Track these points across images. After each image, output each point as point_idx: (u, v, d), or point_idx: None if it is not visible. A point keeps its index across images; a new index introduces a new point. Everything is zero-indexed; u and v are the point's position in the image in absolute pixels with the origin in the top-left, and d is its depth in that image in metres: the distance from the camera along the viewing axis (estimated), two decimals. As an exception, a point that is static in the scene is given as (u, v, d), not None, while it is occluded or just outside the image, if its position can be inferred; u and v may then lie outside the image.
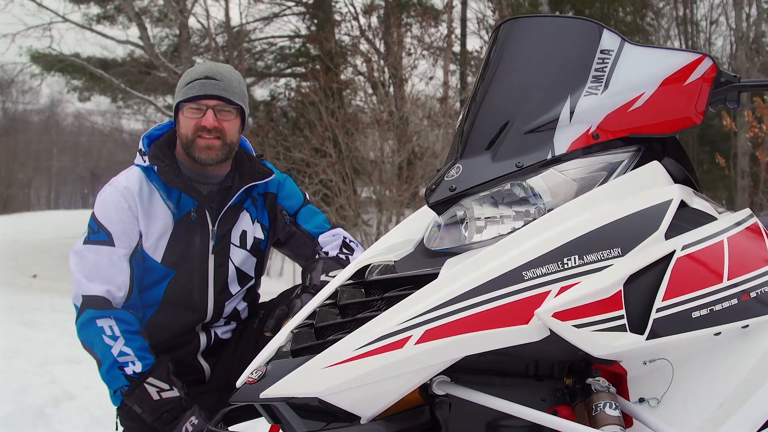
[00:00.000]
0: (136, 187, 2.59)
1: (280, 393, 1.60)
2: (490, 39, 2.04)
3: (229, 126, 2.63)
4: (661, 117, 1.83)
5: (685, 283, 1.63)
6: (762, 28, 17.24)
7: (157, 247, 2.60)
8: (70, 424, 4.21)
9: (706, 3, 21.13)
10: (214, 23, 19.56)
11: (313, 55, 20.52)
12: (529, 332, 1.55)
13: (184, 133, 2.61)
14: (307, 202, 2.92)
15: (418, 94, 12.43)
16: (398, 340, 1.55)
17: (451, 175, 1.83)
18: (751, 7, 17.00)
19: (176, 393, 2.43)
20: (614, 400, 1.61)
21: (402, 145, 10.25)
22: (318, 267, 2.65)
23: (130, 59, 19.76)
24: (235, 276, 2.75)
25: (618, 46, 1.85)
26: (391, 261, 1.90)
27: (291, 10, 21.43)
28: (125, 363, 2.41)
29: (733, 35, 17.48)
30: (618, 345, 1.55)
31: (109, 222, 2.55)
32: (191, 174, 2.67)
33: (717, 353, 1.74)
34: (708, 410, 1.68)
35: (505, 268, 1.59)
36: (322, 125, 10.57)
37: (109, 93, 21.04)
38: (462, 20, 19.95)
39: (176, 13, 17.36)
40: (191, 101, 2.59)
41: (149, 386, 2.41)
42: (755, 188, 14.22)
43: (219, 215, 2.68)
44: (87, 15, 19.46)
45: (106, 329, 2.43)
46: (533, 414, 1.59)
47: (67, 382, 5.02)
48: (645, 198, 1.71)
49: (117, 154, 38.32)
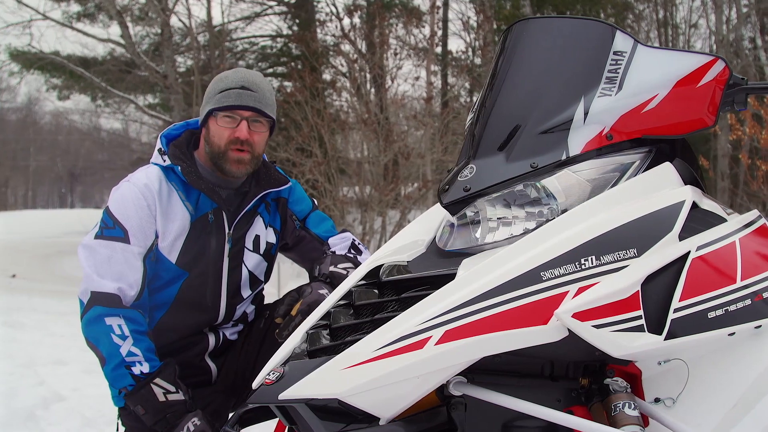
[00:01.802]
0: (156, 186, 2.55)
1: (300, 394, 1.59)
2: (500, 40, 2.04)
3: (259, 139, 2.62)
4: (674, 118, 1.84)
5: (700, 284, 1.65)
6: (742, 32, 17.40)
7: (173, 248, 2.57)
8: (62, 426, 4.17)
9: (685, 6, 21.28)
10: (196, 22, 19.49)
11: (295, 54, 20.51)
12: (549, 332, 1.55)
13: (217, 142, 2.58)
14: (316, 207, 2.93)
15: (403, 94, 12.46)
16: (418, 340, 1.55)
17: (465, 176, 1.83)
18: (731, 11, 17.17)
19: (182, 396, 2.40)
20: (632, 401, 1.62)
21: (388, 145, 10.24)
22: (327, 260, 2.65)
23: (111, 58, 19.63)
24: (247, 280, 2.73)
25: (631, 48, 1.85)
26: (404, 261, 1.89)
27: (273, 9, 21.41)
28: (133, 363, 2.37)
29: (713, 38, 17.64)
30: (637, 345, 1.56)
31: (126, 218, 2.50)
32: (211, 177, 2.65)
33: (730, 353, 1.75)
34: (723, 410, 1.69)
35: (524, 268, 1.59)
36: (308, 125, 10.54)
37: (89, 92, 20.91)
38: (444, 21, 20.02)
39: (158, 11, 17.28)
40: (225, 110, 2.56)
41: (156, 387, 2.37)
42: (735, 189, 14.38)
43: (236, 219, 2.66)
44: (67, 13, 19.33)
45: (115, 328, 2.39)
46: (552, 414, 1.59)
47: (55, 383, 4.97)
48: (658, 199, 1.72)
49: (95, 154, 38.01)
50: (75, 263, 16.60)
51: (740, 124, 8.70)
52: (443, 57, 18.99)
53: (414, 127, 12.04)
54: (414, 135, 12.17)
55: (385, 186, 10.08)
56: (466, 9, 22.30)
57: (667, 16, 20.62)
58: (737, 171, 15.06)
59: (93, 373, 5.15)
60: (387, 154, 10.23)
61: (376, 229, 10.78)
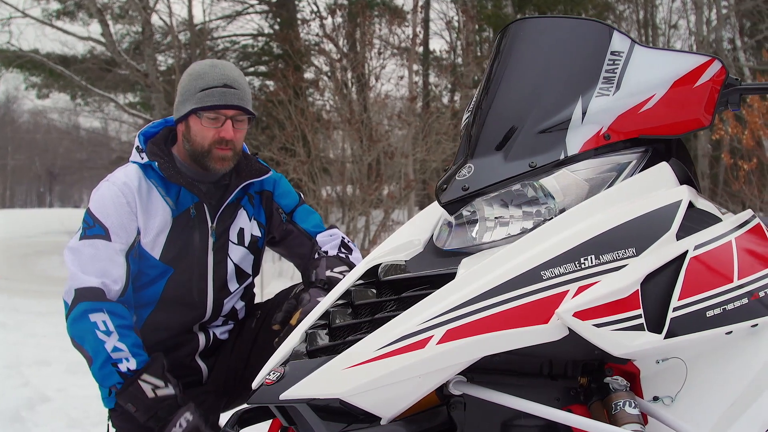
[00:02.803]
0: (134, 184, 2.55)
1: (302, 394, 1.58)
2: (496, 40, 2.05)
3: (240, 136, 2.63)
4: (671, 118, 1.85)
5: (699, 283, 1.65)
6: (722, 33, 17.56)
7: (155, 244, 2.56)
8: (48, 427, 4.13)
9: (665, 6, 21.45)
10: (177, 21, 19.38)
11: (276, 54, 20.46)
12: (549, 332, 1.55)
13: (200, 142, 2.57)
14: (302, 201, 2.91)
15: (387, 93, 12.46)
16: (420, 340, 1.54)
17: (463, 175, 1.83)
18: (711, 12, 17.31)
19: (171, 390, 2.38)
20: (633, 399, 1.63)
21: (373, 145, 10.23)
22: (322, 264, 2.64)
23: (91, 56, 19.49)
24: (234, 273, 2.72)
25: (628, 48, 1.86)
26: (402, 260, 1.89)
27: (254, 8, 21.35)
28: (119, 359, 2.35)
29: (693, 39, 17.78)
30: (637, 344, 1.56)
31: (105, 217, 2.50)
32: (190, 172, 2.64)
33: (728, 352, 1.76)
34: (722, 408, 1.70)
35: (524, 267, 1.59)
36: (292, 124, 10.52)
37: (69, 90, 20.74)
38: (425, 21, 20.06)
39: (139, 9, 17.17)
40: (210, 110, 2.55)
41: (144, 383, 2.34)
42: (715, 189, 14.51)
43: (218, 212, 2.66)
44: (46, 10, 19.15)
45: (100, 324, 2.36)
46: (553, 413, 1.60)
47: (39, 384, 4.92)
48: (656, 199, 1.73)
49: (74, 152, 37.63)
50: (54, 263, 16.56)
51: (722, 123, 8.78)
52: (425, 57, 19.03)
53: (398, 127, 12.04)
54: (396, 134, 12.17)
55: (369, 185, 10.07)
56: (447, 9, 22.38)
57: (648, 17, 20.78)
58: (717, 171, 15.20)
59: (77, 373, 5.12)
60: (371, 154, 10.22)
61: (360, 228, 10.78)
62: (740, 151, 10.28)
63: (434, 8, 20.66)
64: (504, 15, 19.23)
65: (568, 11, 18.46)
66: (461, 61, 16.53)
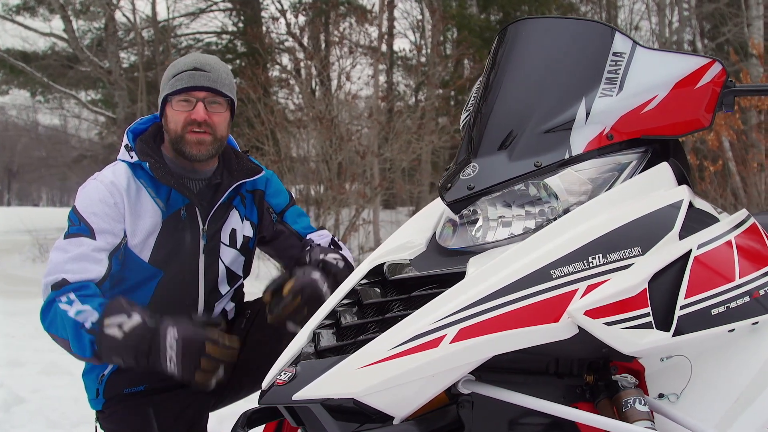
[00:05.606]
0: (123, 184, 2.49)
1: (315, 394, 1.56)
2: (496, 40, 2.05)
3: (219, 120, 2.56)
4: (672, 119, 1.87)
5: (703, 281, 1.68)
6: (683, 35, 17.82)
7: (144, 246, 2.51)
8: (26, 428, 4.05)
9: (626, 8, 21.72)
10: (140, 17, 19.17)
11: (240, 51, 20.35)
12: (560, 330, 1.57)
13: (173, 128, 2.53)
14: (293, 201, 2.88)
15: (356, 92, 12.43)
16: (433, 339, 1.54)
17: (468, 174, 1.84)
18: (672, 14, 17.57)
19: (137, 318, 2.20)
20: (642, 396, 1.65)
21: (344, 143, 10.21)
22: (316, 249, 2.62)
23: (52, 52, 19.20)
24: (225, 276, 2.68)
25: (630, 49, 1.88)
26: (405, 259, 1.89)
27: (218, 5, 21.22)
28: (84, 320, 2.20)
29: (656, 40, 18.02)
30: (646, 342, 1.58)
31: (91, 216, 2.43)
32: (179, 170, 2.59)
33: (730, 349, 1.80)
34: (726, 404, 1.73)
35: (534, 266, 1.60)
36: (260, 122, 10.45)
37: (29, 87, 20.42)
38: (389, 20, 20.09)
39: (102, 5, 16.97)
40: (179, 93, 2.51)
41: (109, 328, 2.17)
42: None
43: (209, 213, 2.61)
44: (6, 5, 18.83)
45: (63, 299, 2.25)
46: (564, 410, 1.60)
47: (13, 385, 4.81)
48: (658, 199, 1.75)
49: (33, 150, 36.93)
50: (16, 262, 16.23)
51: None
52: (390, 56, 19.06)
53: (367, 126, 12.02)
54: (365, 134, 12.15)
55: (339, 184, 10.05)
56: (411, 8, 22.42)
57: (610, 18, 21.01)
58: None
59: (52, 374, 5.02)
60: (341, 153, 10.20)
61: (329, 227, 10.75)
62: (703, 151, 10.45)
63: (399, 8, 20.67)
64: (469, 15, 19.34)
65: (533, 11, 18.61)
66: (426, 60, 16.56)
